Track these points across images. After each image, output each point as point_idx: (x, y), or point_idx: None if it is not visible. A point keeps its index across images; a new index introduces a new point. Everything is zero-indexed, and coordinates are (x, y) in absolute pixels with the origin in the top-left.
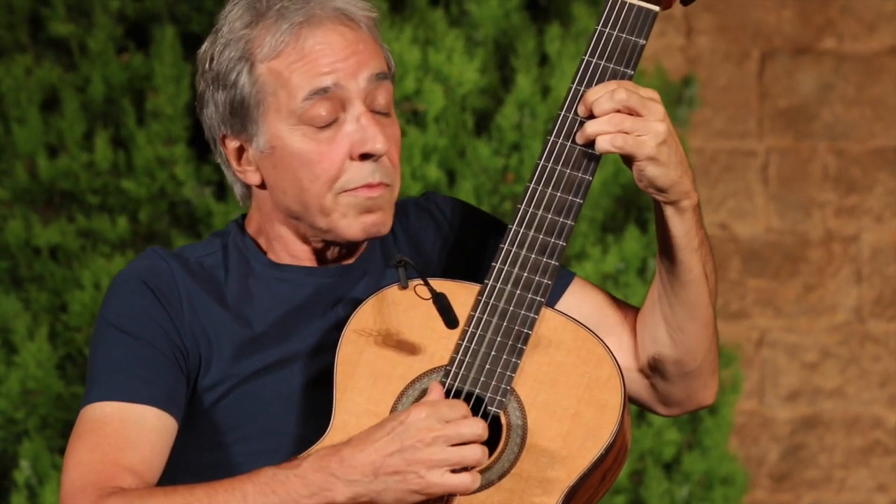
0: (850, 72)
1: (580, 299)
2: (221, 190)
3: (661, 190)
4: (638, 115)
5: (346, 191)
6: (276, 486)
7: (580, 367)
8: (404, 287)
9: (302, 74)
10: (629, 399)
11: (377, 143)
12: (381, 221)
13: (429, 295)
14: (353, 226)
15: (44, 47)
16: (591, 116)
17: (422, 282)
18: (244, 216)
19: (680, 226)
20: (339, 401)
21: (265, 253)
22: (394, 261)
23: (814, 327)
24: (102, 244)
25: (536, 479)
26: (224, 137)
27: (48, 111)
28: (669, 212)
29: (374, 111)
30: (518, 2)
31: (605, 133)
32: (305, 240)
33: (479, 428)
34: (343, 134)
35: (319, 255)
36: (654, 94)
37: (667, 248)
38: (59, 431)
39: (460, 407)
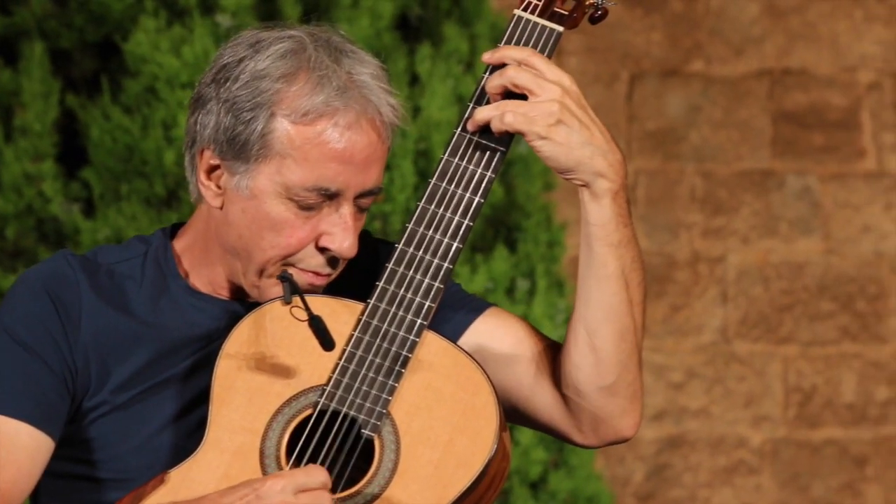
0: (718, 94)
1: (493, 325)
2: (90, 207)
3: (563, 171)
4: (531, 93)
5: (293, 265)
6: None
7: (457, 393)
8: (287, 302)
9: (313, 166)
10: (549, 430)
11: (345, 245)
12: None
13: (305, 317)
14: (279, 295)
15: None
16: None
17: (304, 301)
18: (175, 225)
19: (596, 214)
20: (214, 416)
21: (185, 276)
22: (277, 275)
23: (680, 348)
24: None
25: None
26: (204, 150)
27: None
28: (585, 196)
29: (357, 206)
30: (389, 21)
31: (493, 116)
32: (233, 275)
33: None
34: (320, 219)
35: (240, 290)
36: (555, 75)
37: (584, 238)
38: None
39: (319, 475)
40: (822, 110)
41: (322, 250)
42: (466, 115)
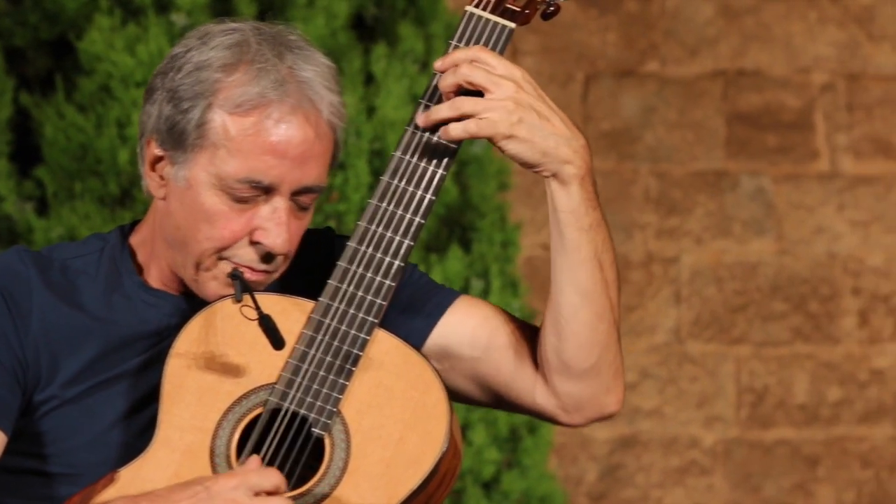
0: (672, 95)
1: (464, 314)
2: (43, 205)
3: (530, 165)
4: (486, 90)
5: (227, 259)
6: None
7: (408, 391)
8: (238, 300)
9: (246, 157)
10: (533, 413)
11: (277, 241)
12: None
13: (255, 316)
14: (217, 292)
15: None
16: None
17: (254, 299)
18: (135, 222)
19: (565, 200)
20: (164, 415)
21: (139, 272)
22: (228, 273)
23: (633, 348)
24: None
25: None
26: (150, 141)
27: None
28: (553, 185)
29: (295, 203)
30: (344, 21)
31: (450, 118)
32: (175, 269)
33: None
34: (255, 213)
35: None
36: (506, 70)
37: (555, 225)
38: None
39: (273, 477)
40: (776, 111)
41: (255, 245)
42: (417, 113)
